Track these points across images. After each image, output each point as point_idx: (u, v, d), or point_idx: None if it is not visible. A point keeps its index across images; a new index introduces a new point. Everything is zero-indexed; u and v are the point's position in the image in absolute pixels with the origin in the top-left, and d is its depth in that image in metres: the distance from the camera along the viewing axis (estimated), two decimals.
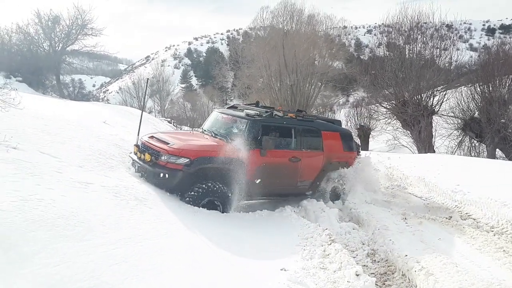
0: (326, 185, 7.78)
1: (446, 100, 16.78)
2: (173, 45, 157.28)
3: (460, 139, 16.29)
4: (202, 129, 7.87)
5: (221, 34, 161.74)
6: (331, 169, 7.83)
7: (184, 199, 6.03)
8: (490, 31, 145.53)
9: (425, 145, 16.33)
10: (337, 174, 7.90)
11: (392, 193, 8.65)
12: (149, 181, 6.08)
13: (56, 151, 5.66)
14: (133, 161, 6.61)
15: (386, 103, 18.60)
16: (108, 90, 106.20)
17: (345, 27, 33.45)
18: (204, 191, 6.09)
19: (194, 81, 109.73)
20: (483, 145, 15.45)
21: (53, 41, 25.21)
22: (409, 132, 17.59)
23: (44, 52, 25.49)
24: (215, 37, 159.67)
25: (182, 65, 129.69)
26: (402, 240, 5.63)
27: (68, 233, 3.58)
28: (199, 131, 7.92)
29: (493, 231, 6.08)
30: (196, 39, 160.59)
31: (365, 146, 21.66)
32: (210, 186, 6.16)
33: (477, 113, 15.57)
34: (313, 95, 27.38)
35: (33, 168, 4.70)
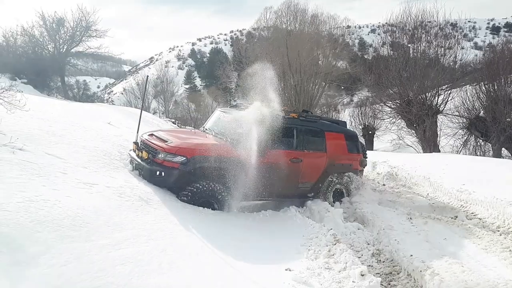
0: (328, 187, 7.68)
1: (451, 99, 16.68)
2: (177, 46, 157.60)
3: (465, 138, 16.19)
4: (204, 128, 7.85)
5: (225, 34, 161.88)
6: (334, 171, 7.74)
7: (179, 197, 5.97)
8: (495, 30, 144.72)
9: (430, 144, 16.25)
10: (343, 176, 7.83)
11: (397, 193, 8.62)
12: (146, 179, 6.04)
13: (61, 152, 5.70)
14: (131, 159, 6.58)
15: (390, 102, 18.53)
16: (112, 91, 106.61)
17: (348, 27, 33.38)
18: (199, 191, 6.03)
19: (198, 82, 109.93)
20: (489, 144, 15.34)
21: (57, 43, 25.38)
22: (413, 131, 17.50)
23: (48, 54, 25.66)
24: (218, 38, 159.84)
25: (186, 66, 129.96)
26: (407, 240, 5.60)
27: (73, 233, 3.60)
28: (201, 130, 7.89)
29: (499, 230, 6.04)
30: (199, 40, 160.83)
31: (369, 145, 21.60)
32: (205, 185, 6.07)
33: (482, 112, 15.47)
34: (317, 95, 27.35)
35: (39, 169, 4.73)
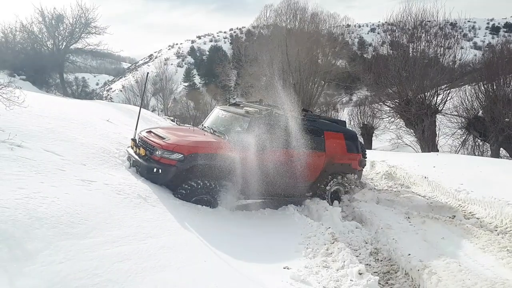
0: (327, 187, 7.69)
1: (450, 99, 16.68)
2: (176, 44, 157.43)
3: (464, 138, 16.19)
4: (202, 125, 7.84)
5: (224, 32, 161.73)
6: (333, 171, 7.73)
7: (176, 194, 5.97)
8: (494, 30, 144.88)
9: (429, 144, 16.26)
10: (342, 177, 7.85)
11: (395, 192, 8.63)
12: (143, 175, 6.03)
13: (60, 149, 5.69)
14: (128, 155, 6.57)
15: (389, 101, 18.51)
16: (111, 88, 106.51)
17: (348, 26, 33.50)
18: (195, 188, 6.01)
19: (197, 80, 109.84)
20: (487, 144, 15.36)
21: (56, 39, 25.29)
22: (412, 131, 17.49)
23: (47, 50, 25.57)
24: (218, 36, 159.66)
25: (185, 64, 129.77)
26: (405, 239, 5.61)
27: (72, 230, 3.61)
28: (200, 127, 7.87)
29: (496, 230, 6.06)
30: (199, 37, 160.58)
31: (368, 145, 21.61)
32: (202, 183, 6.06)
33: (481, 112, 15.47)
34: (316, 93, 27.38)
35: (37, 166, 4.73)
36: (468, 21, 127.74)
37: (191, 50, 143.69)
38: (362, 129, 23.11)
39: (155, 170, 5.95)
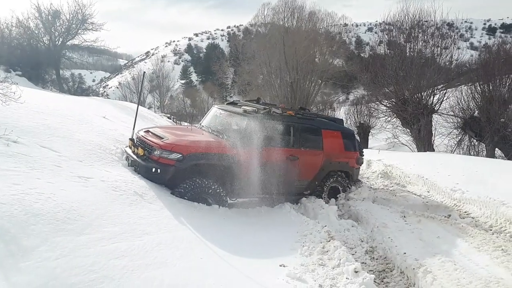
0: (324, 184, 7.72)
1: (446, 99, 16.74)
2: (173, 41, 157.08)
3: (459, 138, 16.26)
4: (200, 124, 7.83)
5: (222, 30, 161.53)
6: (330, 169, 7.77)
7: (174, 193, 5.95)
8: (491, 30, 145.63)
9: (425, 143, 16.32)
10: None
11: (391, 191, 8.66)
12: (142, 175, 6.00)
13: (56, 145, 5.66)
14: (127, 155, 6.54)
15: (386, 101, 18.56)
16: (107, 85, 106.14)
17: (346, 25, 33.52)
18: (193, 187, 5.98)
19: (194, 77, 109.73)
20: (483, 144, 15.42)
21: (53, 35, 25.19)
22: (408, 130, 17.56)
23: (44, 46, 25.47)
24: (215, 33, 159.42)
25: (182, 61, 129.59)
26: (401, 238, 5.64)
27: (68, 227, 3.59)
28: (198, 126, 7.87)
29: (491, 230, 6.10)
30: (196, 35, 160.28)
31: (364, 144, 21.67)
32: (200, 181, 6.04)
33: (477, 112, 15.53)
34: (313, 92, 27.42)
35: (33, 162, 4.70)
36: (465, 22, 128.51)
37: (188, 47, 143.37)
38: (358, 128, 23.19)
39: (153, 170, 5.92)
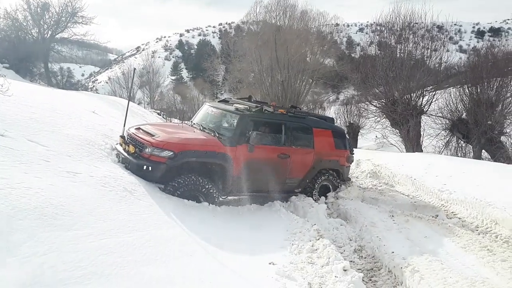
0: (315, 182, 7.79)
1: (435, 100, 16.89)
2: (164, 37, 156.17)
3: (447, 139, 16.43)
4: (191, 122, 7.80)
5: (213, 27, 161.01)
6: (321, 167, 7.82)
7: (165, 190, 5.93)
8: (479, 34, 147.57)
9: (413, 144, 16.46)
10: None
11: (380, 191, 8.73)
12: (133, 172, 5.95)
13: (44, 139, 5.58)
14: (117, 152, 6.49)
15: (376, 101, 18.67)
16: (97, 79, 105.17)
17: (337, 25, 33.64)
18: (185, 183, 5.97)
19: (184, 74, 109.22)
20: (470, 146, 15.62)
21: (42, 28, 24.84)
22: (397, 131, 17.69)
23: (32, 39, 25.09)
24: (207, 30, 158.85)
25: (173, 57, 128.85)
26: (389, 237, 5.69)
27: (56, 222, 3.54)
28: (189, 124, 7.83)
29: (477, 230, 6.19)
30: (187, 31, 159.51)
31: (353, 143, 21.77)
32: (191, 178, 6.03)
33: (464, 114, 15.71)
34: (304, 91, 27.46)
35: (21, 156, 4.62)
36: (454, 25, 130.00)
37: (179, 43, 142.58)
38: (348, 128, 23.28)
39: (145, 167, 5.88)
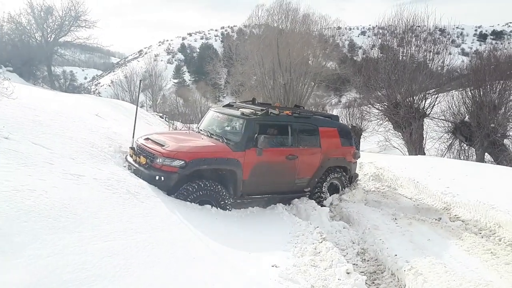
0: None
1: (437, 103, 16.89)
2: (167, 40, 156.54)
3: (450, 142, 16.40)
4: (198, 128, 7.88)
5: (216, 30, 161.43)
6: (329, 165, 7.88)
7: (178, 195, 5.95)
8: (482, 37, 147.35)
9: (416, 147, 16.44)
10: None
11: (382, 193, 8.71)
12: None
13: (48, 142, 5.61)
14: (129, 164, 6.53)
15: (378, 104, 18.67)
16: (99, 83, 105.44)
17: (339, 28, 33.58)
18: (196, 189, 6.01)
19: (187, 77, 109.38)
20: (473, 148, 15.59)
21: (45, 31, 24.97)
22: (400, 134, 17.67)
23: (36, 42, 25.23)
24: (209, 34, 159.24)
25: (175, 60, 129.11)
26: (392, 240, 5.68)
27: (60, 224, 3.56)
28: (196, 130, 7.91)
29: (481, 233, 6.16)
30: (190, 34, 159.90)
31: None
32: (203, 184, 6.08)
33: (467, 117, 15.69)
34: (306, 94, 27.46)
35: (25, 158, 4.66)
36: (456, 28, 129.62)
37: (182, 47, 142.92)
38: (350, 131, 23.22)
39: (157, 178, 5.93)
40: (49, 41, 25.10)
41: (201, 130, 7.61)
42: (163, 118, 26.47)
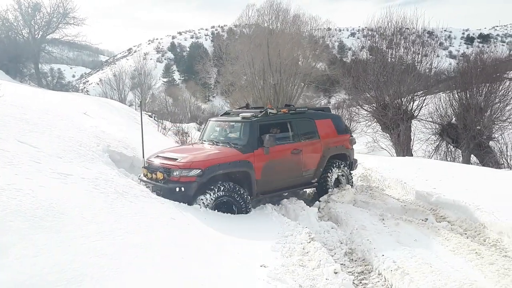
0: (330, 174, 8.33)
1: (425, 105, 17.09)
2: (157, 39, 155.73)
3: (437, 144, 16.59)
4: (201, 139, 8.17)
5: (206, 30, 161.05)
6: (330, 154, 8.31)
7: (197, 203, 6.27)
8: (469, 40, 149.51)
9: (404, 148, 16.61)
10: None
11: (370, 194, 8.79)
12: (166, 198, 6.19)
13: (35, 140, 5.55)
14: (145, 183, 6.76)
15: (367, 106, 18.81)
16: (88, 81, 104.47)
17: (329, 29, 33.83)
18: (218, 191, 6.36)
19: (176, 76, 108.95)
20: (459, 150, 15.80)
21: (32, 28, 24.63)
22: (388, 135, 17.84)
23: (23, 39, 24.87)
24: (199, 33, 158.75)
25: (165, 59, 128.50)
26: (379, 240, 5.73)
27: (46, 224, 3.53)
28: (199, 142, 8.20)
29: (466, 233, 6.25)
30: (180, 33, 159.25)
31: None
32: (223, 187, 6.43)
33: (454, 119, 15.89)
34: (296, 95, 27.56)
35: (11, 157, 4.60)
36: (444, 31, 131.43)
37: (172, 45, 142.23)
38: None
39: (177, 189, 6.22)
40: (37, 38, 24.77)
41: (204, 140, 7.94)
42: (152, 117, 26.27)
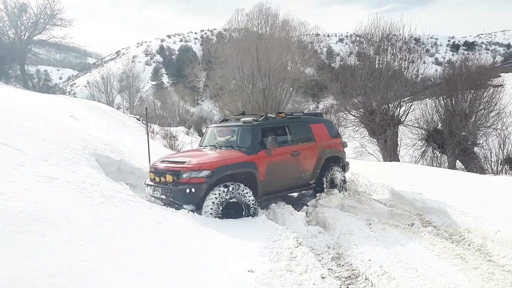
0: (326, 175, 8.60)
1: (411, 111, 17.30)
2: (145, 41, 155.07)
3: (423, 149, 16.80)
4: (201, 145, 8.41)
5: (195, 33, 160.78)
6: (325, 156, 8.64)
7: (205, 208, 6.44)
8: (454, 47, 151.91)
9: (391, 153, 16.77)
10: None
11: (357, 199, 8.85)
12: (177, 200, 6.55)
13: (20, 143, 5.47)
14: (153, 187, 6.97)
15: (354, 111, 18.97)
16: (75, 83, 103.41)
17: (318, 35, 34.05)
18: (225, 193, 6.52)
19: (165, 79, 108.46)
20: (445, 156, 16.02)
21: (19, 29, 24.29)
22: (375, 140, 18.01)
23: (8, 40, 24.49)
24: (188, 36, 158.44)
25: (153, 62, 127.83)
26: (366, 245, 5.76)
27: (30, 228, 3.47)
28: (199, 148, 8.44)
29: (451, 238, 6.32)
30: (169, 36, 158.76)
31: None
32: (232, 188, 6.60)
33: (440, 125, 16.13)
34: (285, 99, 27.64)
35: None
36: (430, 38, 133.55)
37: (160, 48, 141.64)
38: None
39: (188, 190, 6.40)
40: (23, 39, 24.42)
41: (205, 146, 8.20)
42: (140, 120, 26.07)
